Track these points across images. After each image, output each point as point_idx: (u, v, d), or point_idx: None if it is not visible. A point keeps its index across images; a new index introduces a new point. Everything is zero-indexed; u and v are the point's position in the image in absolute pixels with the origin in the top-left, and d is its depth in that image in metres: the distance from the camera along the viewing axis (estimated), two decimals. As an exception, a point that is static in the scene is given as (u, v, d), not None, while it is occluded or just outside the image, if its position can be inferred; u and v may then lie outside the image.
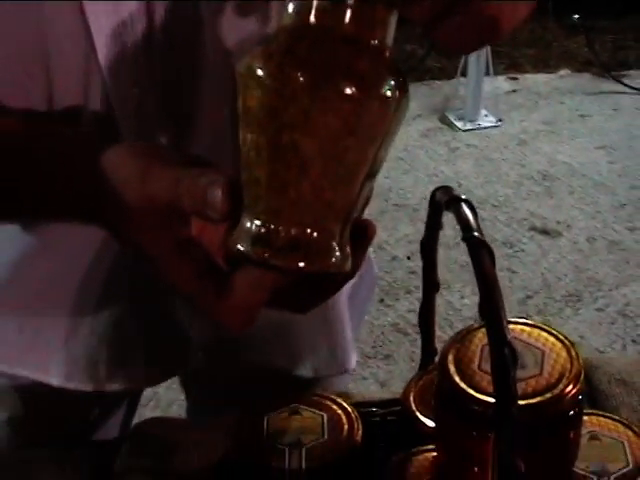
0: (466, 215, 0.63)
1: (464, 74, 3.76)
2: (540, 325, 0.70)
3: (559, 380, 0.66)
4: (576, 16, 4.32)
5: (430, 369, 0.81)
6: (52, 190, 0.70)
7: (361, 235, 0.61)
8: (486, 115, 3.74)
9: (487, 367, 0.65)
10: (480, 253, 0.59)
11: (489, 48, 3.69)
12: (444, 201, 0.68)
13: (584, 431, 0.73)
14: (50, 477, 0.93)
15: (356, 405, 0.78)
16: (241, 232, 0.57)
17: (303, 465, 0.70)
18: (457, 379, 0.66)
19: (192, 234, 0.63)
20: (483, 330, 0.69)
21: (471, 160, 3.45)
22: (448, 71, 4.12)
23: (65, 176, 0.69)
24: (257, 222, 0.56)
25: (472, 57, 3.68)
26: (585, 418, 0.74)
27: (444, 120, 3.76)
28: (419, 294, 0.81)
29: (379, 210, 3.06)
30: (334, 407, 0.76)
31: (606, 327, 2.58)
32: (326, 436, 0.74)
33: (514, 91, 4.07)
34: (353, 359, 1.08)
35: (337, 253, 0.57)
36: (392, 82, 0.54)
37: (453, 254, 2.63)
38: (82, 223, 0.71)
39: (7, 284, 0.93)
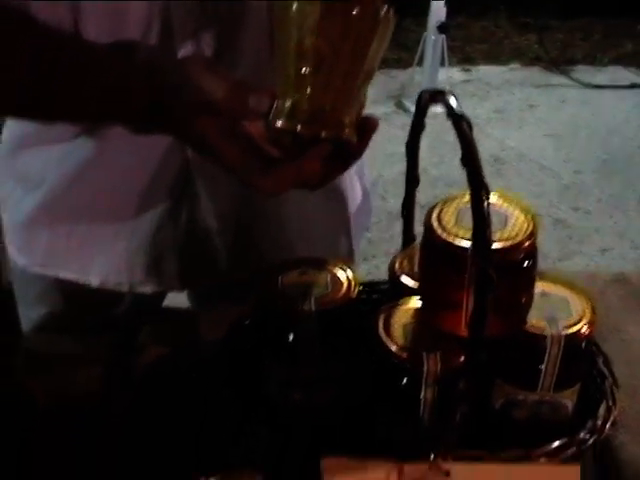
0: (449, 100, 0.80)
1: (420, 64, 3.94)
2: (504, 196, 0.88)
3: (517, 235, 0.83)
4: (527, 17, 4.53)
5: (411, 247, 0.99)
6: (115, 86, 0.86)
7: (365, 127, 0.84)
8: (441, 102, 3.92)
9: (464, 223, 0.83)
10: (461, 123, 0.77)
11: (445, 42, 3.89)
12: (431, 95, 0.86)
13: (537, 290, 0.91)
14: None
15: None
16: (277, 112, 0.81)
17: (313, 309, 0.87)
18: (439, 231, 0.83)
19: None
20: (459, 198, 0.86)
21: (426, 142, 3.59)
22: (404, 62, 4.31)
23: (125, 73, 0.86)
24: (288, 104, 0.80)
25: (428, 48, 3.87)
26: (538, 283, 0.92)
27: (400, 106, 3.95)
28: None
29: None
30: (335, 269, 0.93)
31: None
32: (329, 289, 0.91)
33: (467, 81, 4.27)
34: None
35: (347, 129, 0.81)
36: (384, 7, 0.79)
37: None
38: (142, 119, 0.87)
39: (61, 196, 1.07)
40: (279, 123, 0.80)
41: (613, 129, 3.90)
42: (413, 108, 1.08)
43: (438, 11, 3.72)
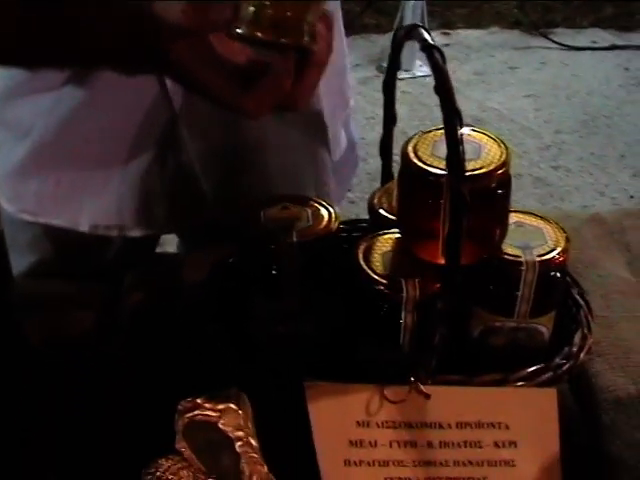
0: (423, 34, 0.83)
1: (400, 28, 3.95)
2: (478, 128, 0.91)
3: (491, 163, 0.86)
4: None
5: (390, 184, 1.02)
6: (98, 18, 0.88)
7: (325, 25, 0.86)
8: (420, 65, 3.94)
9: (439, 153, 0.85)
10: (434, 53, 0.79)
11: (425, 6, 3.91)
12: (406, 31, 0.88)
13: (511, 221, 0.93)
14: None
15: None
16: (238, 21, 0.81)
17: (294, 240, 0.90)
18: (415, 160, 0.86)
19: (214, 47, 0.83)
20: (434, 132, 0.89)
21: (406, 105, 3.66)
22: (384, 27, 4.32)
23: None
24: (250, 11, 0.80)
25: (408, 13, 3.88)
26: (513, 214, 0.95)
27: (381, 69, 3.97)
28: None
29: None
30: (317, 205, 0.96)
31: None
32: (311, 223, 0.93)
33: (447, 45, 4.28)
34: None
35: (306, 37, 0.82)
36: None
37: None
38: (124, 49, 0.89)
39: (50, 144, 1.10)
40: (239, 30, 0.81)
41: (593, 90, 3.93)
42: None
43: (417, -25, 3.74)
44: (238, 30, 0.81)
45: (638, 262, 1.22)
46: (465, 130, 0.89)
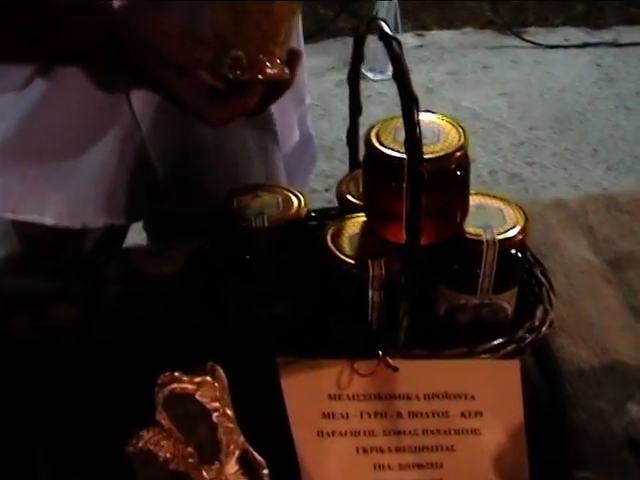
0: (382, 26, 0.87)
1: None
2: (438, 115, 0.96)
3: (450, 146, 0.91)
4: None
5: (357, 172, 1.06)
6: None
7: (292, 60, 1.02)
8: (395, 67, 3.98)
9: (400, 138, 0.90)
10: (391, 43, 0.84)
11: (398, 8, 3.95)
12: (366, 24, 0.92)
13: (473, 203, 0.98)
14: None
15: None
16: (220, 64, 0.97)
17: (266, 225, 0.94)
18: (378, 145, 0.90)
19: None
20: (396, 119, 0.93)
21: (382, 106, 3.70)
22: (359, 31, 4.35)
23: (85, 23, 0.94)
24: (228, 57, 0.96)
25: (382, 15, 3.93)
26: (474, 196, 0.99)
27: (357, 72, 4.00)
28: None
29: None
30: (287, 192, 1.00)
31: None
32: (281, 208, 0.98)
33: (421, 46, 4.32)
34: None
35: (278, 69, 0.99)
36: None
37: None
38: (98, 55, 0.95)
39: (13, 140, 1.13)
40: (223, 71, 0.97)
41: (566, 87, 3.97)
42: (368, 74, 1.14)
43: (390, -22, 3.78)
44: (222, 70, 0.97)
45: (600, 244, 1.27)
46: (426, 116, 0.93)
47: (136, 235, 1.39)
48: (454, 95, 3.84)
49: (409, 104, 0.79)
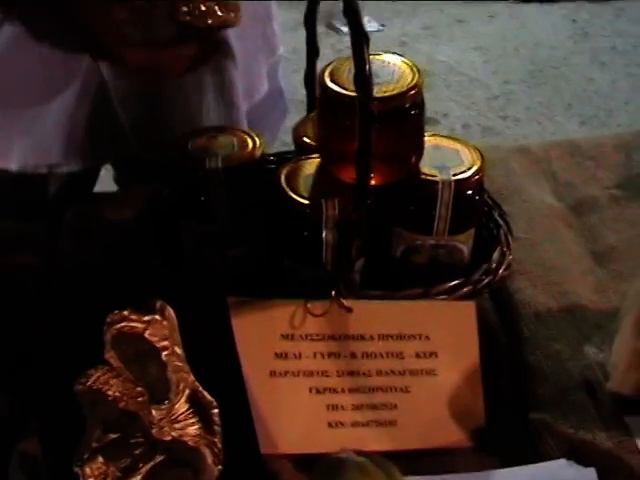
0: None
1: (349, -15, 3.96)
2: (393, 52, 0.95)
3: (403, 84, 0.90)
4: None
5: (314, 114, 1.05)
6: None
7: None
8: (369, 21, 3.96)
9: (352, 77, 0.89)
10: None
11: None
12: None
13: (428, 144, 0.97)
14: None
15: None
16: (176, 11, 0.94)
17: (219, 166, 0.93)
18: (330, 84, 0.89)
19: None
20: (350, 59, 0.92)
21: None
22: (334, -15, 4.32)
23: None
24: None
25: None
26: (430, 137, 0.99)
27: (330, 26, 3.97)
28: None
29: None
30: (243, 134, 1.00)
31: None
32: (236, 150, 0.97)
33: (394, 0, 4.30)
34: None
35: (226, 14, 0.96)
36: None
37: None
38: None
39: None
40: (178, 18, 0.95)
41: (540, 41, 3.97)
42: (343, 28, 1.12)
43: None
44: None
45: (563, 189, 1.27)
46: (385, 57, 0.93)
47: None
48: (428, 49, 3.83)
49: (359, 40, 0.78)
